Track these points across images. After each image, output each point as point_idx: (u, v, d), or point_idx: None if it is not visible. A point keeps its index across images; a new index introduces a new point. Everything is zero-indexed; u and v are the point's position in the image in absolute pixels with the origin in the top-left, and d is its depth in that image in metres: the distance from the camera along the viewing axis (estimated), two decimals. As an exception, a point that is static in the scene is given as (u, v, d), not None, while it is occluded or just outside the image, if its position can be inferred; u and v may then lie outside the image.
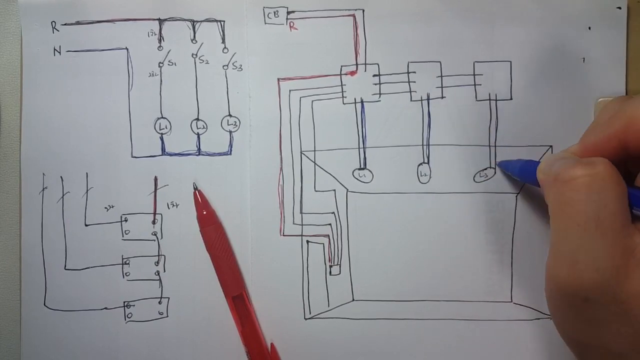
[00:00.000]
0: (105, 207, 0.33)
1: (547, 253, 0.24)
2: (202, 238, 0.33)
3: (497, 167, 0.32)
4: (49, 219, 0.33)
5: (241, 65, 0.33)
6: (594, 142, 0.24)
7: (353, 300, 0.33)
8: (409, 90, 0.33)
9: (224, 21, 0.33)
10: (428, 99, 0.33)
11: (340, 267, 0.33)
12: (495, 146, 0.33)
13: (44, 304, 0.33)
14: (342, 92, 0.33)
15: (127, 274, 0.33)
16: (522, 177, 0.30)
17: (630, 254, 0.21)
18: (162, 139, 0.33)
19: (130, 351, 0.33)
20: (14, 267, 0.34)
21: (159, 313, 0.33)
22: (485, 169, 0.33)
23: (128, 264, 0.33)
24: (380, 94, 0.33)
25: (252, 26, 0.33)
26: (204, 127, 0.33)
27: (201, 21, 0.33)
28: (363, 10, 0.33)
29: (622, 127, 0.23)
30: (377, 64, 0.33)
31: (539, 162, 0.26)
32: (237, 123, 0.33)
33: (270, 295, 0.33)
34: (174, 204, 0.33)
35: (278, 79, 0.33)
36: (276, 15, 0.33)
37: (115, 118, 0.33)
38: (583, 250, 0.21)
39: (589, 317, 0.22)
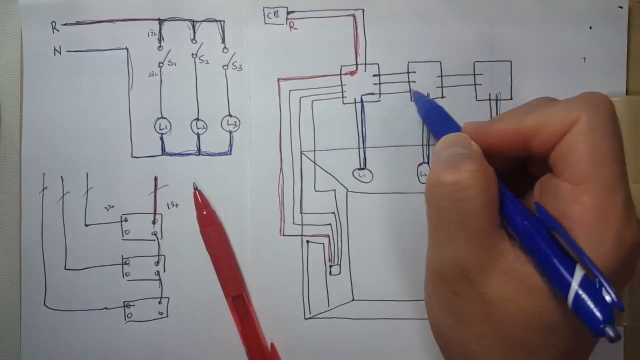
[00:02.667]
0: (105, 207, 0.33)
1: None
2: (202, 238, 0.33)
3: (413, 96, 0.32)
4: (49, 219, 0.33)
5: (241, 65, 0.33)
6: (500, 130, 0.23)
7: (353, 300, 0.33)
8: (409, 90, 0.33)
9: (224, 21, 0.33)
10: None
11: (340, 267, 0.33)
12: (495, 146, 0.33)
13: (44, 304, 0.33)
14: (342, 92, 0.33)
15: (127, 274, 0.33)
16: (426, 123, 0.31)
17: (497, 258, 0.21)
18: (162, 139, 0.34)
19: (130, 351, 0.33)
20: (14, 267, 0.34)
21: (159, 313, 0.33)
22: (486, 169, 0.33)
23: (128, 264, 0.33)
24: (380, 94, 0.33)
25: (252, 26, 0.33)
26: (204, 127, 0.33)
27: (201, 21, 0.33)
28: (363, 10, 0.33)
29: (532, 127, 0.22)
30: (377, 64, 0.33)
31: (447, 122, 0.27)
32: (237, 123, 0.33)
33: (270, 295, 0.33)
34: (174, 204, 0.33)
35: (278, 79, 0.33)
36: (276, 15, 0.33)
37: (115, 118, 0.33)
38: (448, 248, 0.22)
39: (457, 312, 0.23)
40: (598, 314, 0.18)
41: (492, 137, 0.24)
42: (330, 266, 0.33)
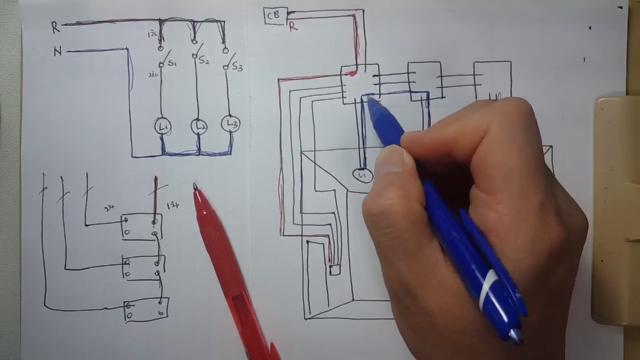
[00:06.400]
0: (105, 207, 0.33)
1: None
2: (202, 238, 0.33)
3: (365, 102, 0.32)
4: (49, 219, 0.33)
5: (241, 65, 0.33)
6: (428, 140, 0.24)
7: (353, 300, 0.33)
8: (409, 90, 0.33)
9: (224, 21, 0.33)
10: (428, 99, 0.33)
11: (340, 267, 0.33)
12: (495, 146, 0.33)
13: (44, 304, 0.33)
14: (342, 92, 0.33)
15: (127, 274, 0.33)
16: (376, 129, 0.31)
17: (431, 271, 0.22)
18: (162, 139, 0.34)
19: (130, 351, 0.33)
20: (14, 267, 0.34)
21: (159, 313, 0.33)
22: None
23: (128, 264, 0.33)
24: (380, 94, 0.33)
25: (252, 26, 0.33)
26: (204, 127, 0.33)
27: (201, 21, 0.33)
28: (363, 10, 0.33)
29: (452, 136, 0.23)
30: (377, 64, 0.33)
31: (394, 129, 0.28)
32: (237, 123, 0.33)
33: (270, 295, 0.33)
34: (174, 204, 0.33)
35: (278, 79, 0.33)
36: (276, 16, 0.33)
37: (115, 118, 0.33)
38: (391, 269, 0.23)
39: (412, 325, 0.24)
40: (504, 317, 0.19)
41: (423, 147, 0.24)
42: (330, 266, 0.33)
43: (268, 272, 0.33)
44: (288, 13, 0.33)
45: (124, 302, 0.33)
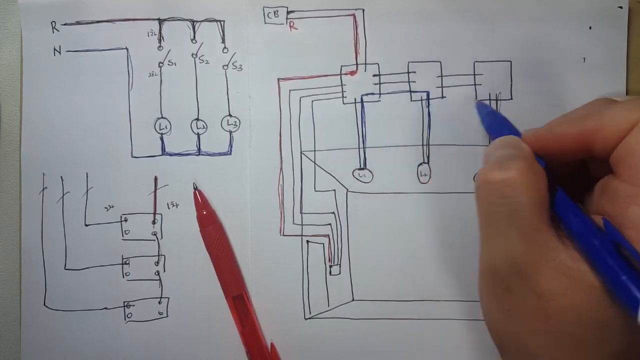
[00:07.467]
0: (105, 207, 0.33)
1: None
2: (202, 238, 0.33)
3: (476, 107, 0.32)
4: (49, 219, 0.33)
5: (241, 65, 0.33)
6: (561, 133, 0.24)
7: (353, 300, 0.33)
8: (409, 90, 0.33)
9: (224, 21, 0.33)
10: (428, 99, 0.33)
11: (340, 267, 0.33)
12: (495, 146, 0.32)
13: (44, 304, 0.33)
14: (342, 92, 0.33)
15: (127, 274, 0.33)
16: (488, 131, 0.31)
17: (549, 254, 0.22)
18: (162, 139, 0.33)
19: (130, 351, 0.33)
20: (14, 267, 0.34)
21: (159, 313, 0.33)
22: (486, 169, 0.33)
23: (128, 264, 0.33)
24: (380, 94, 0.33)
25: (252, 26, 0.33)
26: (204, 127, 0.33)
27: (201, 21, 0.33)
28: (363, 10, 0.33)
29: (593, 128, 0.23)
30: (377, 64, 0.33)
31: (508, 129, 0.27)
32: (237, 123, 0.33)
33: (270, 295, 0.33)
34: (174, 204, 0.33)
35: (278, 79, 0.33)
36: (276, 15, 0.33)
37: (115, 118, 0.33)
38: (500, 244, 0.23)
39: (510, 308, 0.23)
40: None
41: (555, 140, 0.24)
42: (330, 266, 0.33)
43: (268, 272, 0.33)
44: (288, 13, 0.33)
45: (124, 302, 0.33)
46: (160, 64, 0.33)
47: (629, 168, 0.22)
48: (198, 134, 0.33)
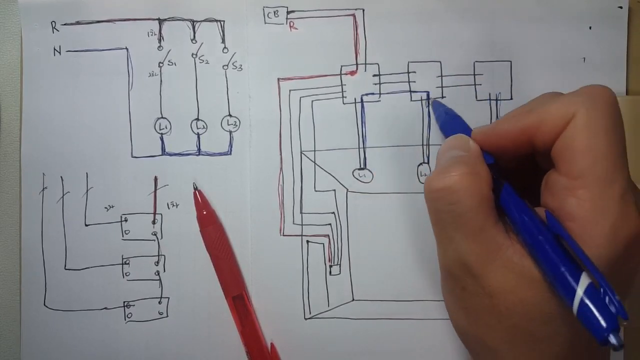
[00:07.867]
0: (105, 207, 0.33)
1: None
2: (202, 238, 0.33)
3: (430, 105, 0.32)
4: (49, 219, 0.33)
5: (241, 65, 0.33)
6: (505, 130, 0.24)
7: (353, 300, 0.33)
8: (409, 90, 0.33)
9: (223, 21, 0.33)
10: (428, 99, 0.33)
11: (340, 267, 0.33)
12: (495, 146, 0.33)
13: (44, 304, 0.33)
14: (342, 92, 0.33)
15: (127, 274, 0.33)
16: (442, 130, 0.31)
17: (496, 253, 0.22)
18: (162, 139, 0.33)
19: (130, 351, 0.33)
20: (14, 267, 0.34)
21: (159, 313, 0.33)
22: (486, 169, 0.33)
23: (128, 264, 0.33)
24: (380, 94, 0.33)
25: (252, 26, 0.33)
26: (204, 127, 0.33)
27: (201, 21, 0.33)
28: (363, 10, 0.33)
29: (533, 124, 0.23)
30: (377, 64, 0.33)
31: (460, 127, 0.28)
32: (237, 123, 0.33)
33: (270, 295, 0.33)
34: (174, 204, 0.33)
35: (278, 79, 0.33)
36: (276, 15, 0.33)
37: (115, 118, 0.33)
38: (451, 247, 0.23)
39: (467, 306, 0.24)
40: (602, 322, 0.19)
41: (500, 137, 0.24)
42: (330, 266, 0.33)
43: (268, 272, 0.33)
44: (288, 12, 0.33)
45: (124, 302, 0.33)
46: (160, 64, 0.33)
47: (566, 162, 0.22)
48: (198, 134, 0.33)
